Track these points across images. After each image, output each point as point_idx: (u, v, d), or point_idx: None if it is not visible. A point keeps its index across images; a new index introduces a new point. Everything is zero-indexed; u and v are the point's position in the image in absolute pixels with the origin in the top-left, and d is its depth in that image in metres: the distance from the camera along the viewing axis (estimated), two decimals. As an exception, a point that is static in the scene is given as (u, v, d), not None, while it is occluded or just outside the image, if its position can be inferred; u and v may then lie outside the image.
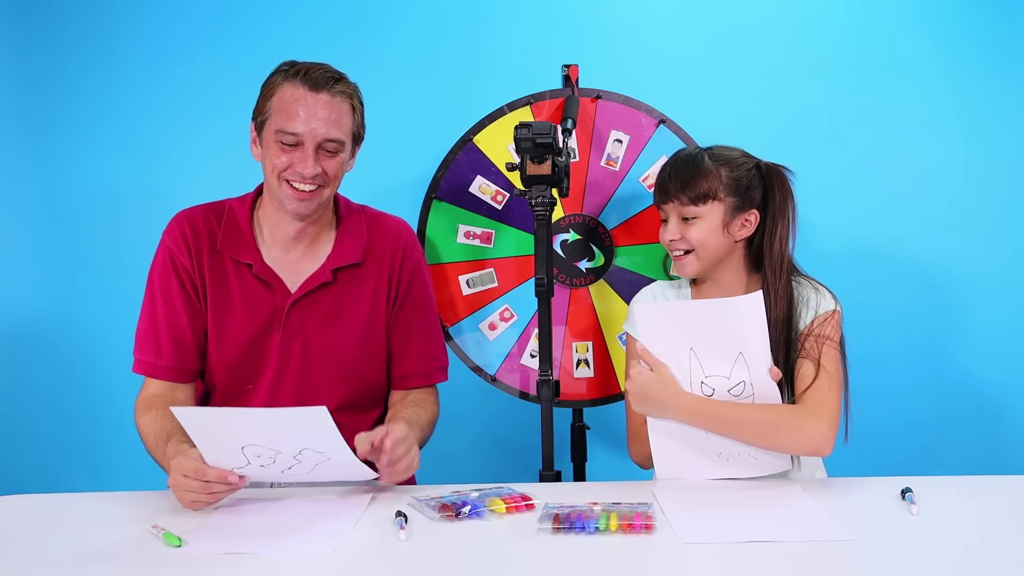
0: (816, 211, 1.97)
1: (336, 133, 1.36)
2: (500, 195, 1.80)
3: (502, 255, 1.81)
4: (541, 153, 1.43)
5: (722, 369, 1.26)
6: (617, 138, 1.79)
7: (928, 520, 1.13)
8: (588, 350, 1.80)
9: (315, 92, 1.35)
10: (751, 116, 1.98)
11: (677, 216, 1.44)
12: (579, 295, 1.81)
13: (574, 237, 1.80)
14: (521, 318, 1.81)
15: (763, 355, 1.26)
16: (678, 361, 1.28)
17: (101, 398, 2.06)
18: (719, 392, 1.26)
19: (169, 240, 1.43)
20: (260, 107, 1.39)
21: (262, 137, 1.39)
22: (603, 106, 1.79)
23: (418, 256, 1.54)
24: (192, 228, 1.42)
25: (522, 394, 1.81)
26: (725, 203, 1.42)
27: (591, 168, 1.80)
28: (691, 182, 1.41)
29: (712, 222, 1.42)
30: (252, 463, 1.17)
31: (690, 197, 1.41)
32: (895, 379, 2.02)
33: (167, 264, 1.41)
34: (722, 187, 1.41)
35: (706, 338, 1.25)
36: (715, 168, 1.42)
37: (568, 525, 1.09)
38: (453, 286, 1.81)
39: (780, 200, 1.43)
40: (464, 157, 1.80)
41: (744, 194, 1.43)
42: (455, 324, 1.81)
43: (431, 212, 1.81)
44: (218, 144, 2.00)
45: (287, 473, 1.21)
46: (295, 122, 1.34)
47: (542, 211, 1.46)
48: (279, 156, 1.36)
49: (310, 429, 1.15)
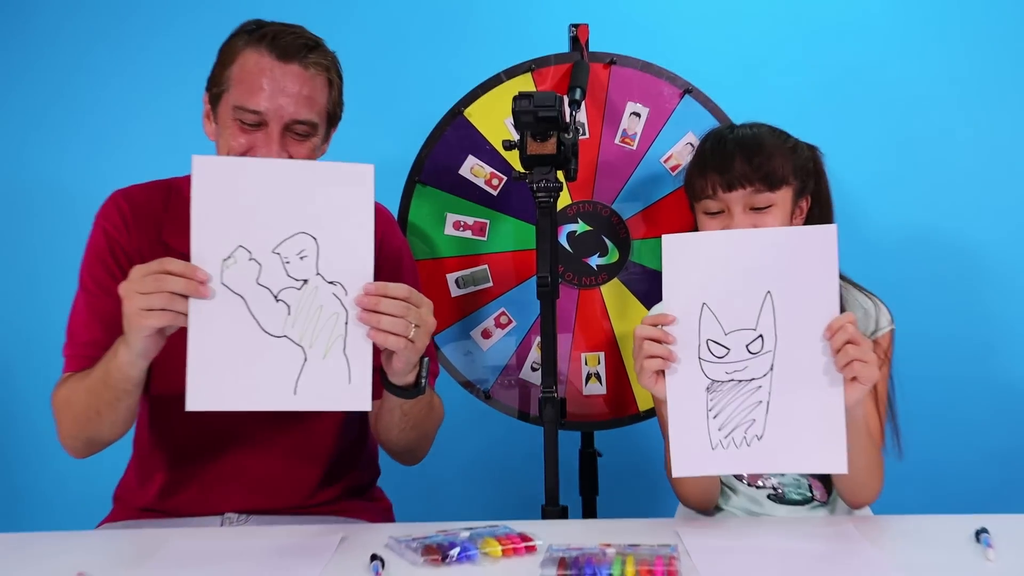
0: (860, 201, 1.98)
1: (307, 113, 1.35)
2: (496, 178, 1.80)
3: (498, 250, 1.81)
4: (544, 129, 1.42)
5: (746, 321, 1.21)
6: (634, 111, 1.79)
7: (1008, 567, 1.11)
8: (600, 362, 1.80)
9: (284, 62, 1.33)
10: (791, 86, 1.98)
11: (744, 206, 1.43)
12: (589, 297, 1.81)
13: (583, 228, 1.81)
14: (520, 324, 1.81)
15: (823, 309, 1.20)
16: (688, 316, 1.23)
17: (15, 424, 2.04)
18: (731, 355, 1.22)
19: (104, 221, 1.40)
20: (217, 75, 1.37)
21: (217, 112, 1.38)
22: (618, 73, 1.79)
23: (400, 243, 1.54)
24: (132, 206, 1.40)
25: (521, 414, 1.81)
26: (793, 187, 1.45)
27: (603, 146, 1.80)
28: (766, 163, 1.42)
29: (785, 209, 1.44)
30: (240, 262, 1.14)
31: (766, 181, 1.42)
32: (966, 402, 2.03)
33: (102, 247, 1.39)
34: (791, 170, 1.44)
35: (741, 282, 1.21)
36: (786, 147, 1.45)
37: (576, 571, 1.08)
38: (440, 286, 1.80)
39: (825, 185, 1.49)
40: (453, 133, 1.80)
41: (806, 179, 1.48)
42: (442, 331, 1.80)
43: (414, 198, 1.81)
44: (166, 119, 2.01)
45: (268, 316, 1.17)
46: (258, 97, 1.32)
47: (545, 197, 1.45)
48: (237, 137, 1.34)
49: (344, 199, 1.15)
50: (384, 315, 1.16)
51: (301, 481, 1.44)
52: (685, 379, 1.22)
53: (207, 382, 1.14)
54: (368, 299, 1.16)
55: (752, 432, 1.21)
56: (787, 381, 1.19)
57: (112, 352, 1.22)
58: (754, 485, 1.49)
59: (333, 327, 1.18)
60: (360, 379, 1.17)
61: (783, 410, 1.19)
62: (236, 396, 1.16)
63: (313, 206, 1.16)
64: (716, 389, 1.21)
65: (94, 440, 1.33)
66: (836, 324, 1.17)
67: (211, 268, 1.15)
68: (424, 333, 1.20)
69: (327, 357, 1.17)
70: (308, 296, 1.17)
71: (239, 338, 1.15)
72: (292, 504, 1.43)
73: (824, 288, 1.19)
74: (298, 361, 1.16)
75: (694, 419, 1.22)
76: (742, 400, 1.21)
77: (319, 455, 1.46)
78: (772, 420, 1.20)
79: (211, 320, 1.15)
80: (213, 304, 1.15)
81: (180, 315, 1.14)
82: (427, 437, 1.44)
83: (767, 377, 1.20)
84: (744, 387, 1.21)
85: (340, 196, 1.16)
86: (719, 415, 1.21)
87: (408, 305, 1.18)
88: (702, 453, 1.21)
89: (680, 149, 1.76)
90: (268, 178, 1.16)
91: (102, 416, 1.28)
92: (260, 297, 1.16)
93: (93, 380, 1.27)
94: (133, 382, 1.23)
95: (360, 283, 1.16)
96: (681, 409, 1.22)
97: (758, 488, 1.49)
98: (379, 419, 1.38)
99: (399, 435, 1.37)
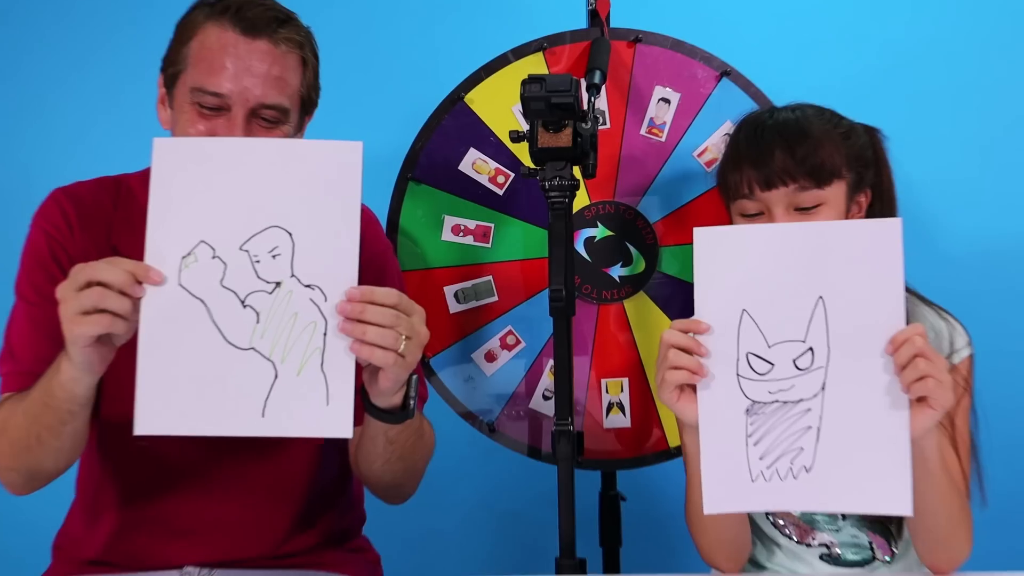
0: (930, 203, 1.93)
1: (277, 97, 1.33)
2: (501, 175, 1.75)
3: (504, 258, 1.76)
4: (558, 117, 1.36)
5: (793, 331, 1.17)
6: (663, 97, 1.73)
7: None
8: (623, 390, 1.73)
9: (251, 37, 1.32)
10: (849, 67, 1.93)
11: (786, 207, 1.36)
12: (610, 313, 1.75)
13: (603, 233, 1.75)
14: (530, 345, 1.75)
15: (885, 318, 1.15)
16: (724, 325, 1.19)
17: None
18: (775, 371, 1.18)
19: (44, 222, 1.39)
20: (173, 54, 1.36)
21: (173, 96, 1.36)
22: (644, 53, 1.73)
23: (384, 247, 1.55)
24: (77, 206, 1.39)
25: (532, 450, 1.74)
26: (847, 181, 1.38)
27: (627, 138, 1.74)
28: (810, 154, 1.35)
29: (837, 208, 1.37)
30: (201, 260, 1.11)
31: (813, 177, 1.34)
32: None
33: (43, 252, 1.37)
34: (844, 160, 1.37)
35: (788, 285, 1.17)
36: (836, 132, 1.39)
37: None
38: (436, 301, 1.74)
39: (887, 175, 1.44)
40: (452, 123, 1.74)
41: (863, 169, 1.41)
42: (439, 353, 1.74)
43: (406, 198, 1.75)
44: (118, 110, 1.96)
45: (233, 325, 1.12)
46: (219, 77, 1.31)
47: (559, 197, 1.38)
48: (195, 123, 1.32)
49: (326, 185, 1.13)
50: (370, 325, 1.12)
51: (272, 525, 1.41)
52: (721, 399, 1.18)
53: (159, 402, 1.11)
54: (352, 307, 1.11)
55: (800, 462, 1.16)
56: (842, 403, 1.15)
57: (54, 368, 1.18)
58: (804, 543, 1.41)
59: (309, 339, 1.13)
60: (340, 400, 1.13)
61: (836, 437, 1.15)
62: (194, 419, 1.12)
63: (289, 194, 1.13)
64: (757, 411, 1.17)
65: (35, 472, 1.29)
66: (901, 336, 1.11)
67: (167, 267, 1.11)
68: (416, 346, 1.17)
69: (302, 374, 1.12)
70: (281, 302, 1.13)
71: (198, 350, 1.11)
72: (262, 553, 1.39)
73: (887, 293, 1.14)
74: (267, 378, 1.12)
75: (731, 446, 1.17)
76: (788, 425, 1.17)
77: (293, 493, 1.42)
78: (823, 449, 1.15)
79: (165, 328, 1.11)
80: (168, 309, 1.11)
81: (120, 319, 1.09)
82: (416, 469, 1.42)
83: (818, 398, 1.16)
84: (790, 409, 1.17)
85: (321, 181, 1.14)
86: (761, 442, 1.17)
87: (398, 314, 1.14)
88: (740, 486, 1.17)
89: (716, 141, 1.70)
90: (238, 161, 1.14)
91: (44, 443, 1.24)
92: (224, 302, 1.12)
93: (32, 401, 1.23)
94: (78, 402, 1.18)
95: (342, 287, 1.13)
96: (715, 434, 1.18)
97: (808, 547, 1.42)
98: (360, 449, 1.35)
99: (383, 467, 1.34)
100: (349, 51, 1.87)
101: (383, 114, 1.90)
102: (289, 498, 1.42)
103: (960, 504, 1.27)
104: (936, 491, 1.19)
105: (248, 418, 1.12)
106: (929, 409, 1.10)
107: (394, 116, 1.84)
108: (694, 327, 1.17)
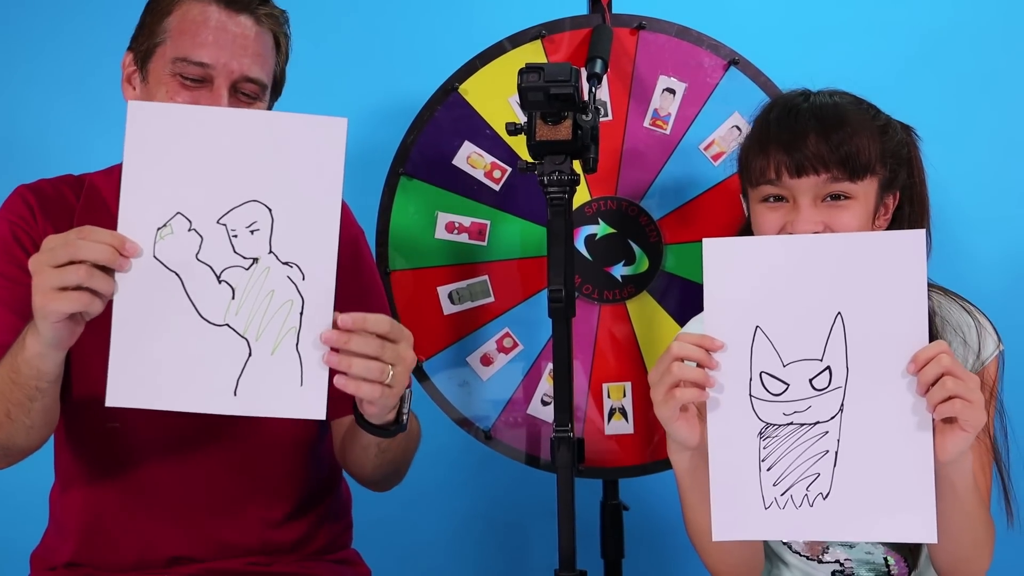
0: (958, 202, 1.91)
1: (258, 71, 1.37)
2: (498, 170, 1.75)
3: (500, 257, 1.76)
4: (557, 109, 1.36)
5: (810, 349, 1.15)
6: (668, 87, 1.73)
7: None
8: (626, 394, 1.73)
9: (234, 12, 1.36)
10: (869, 56, 1.90)
11: (815, 197, 1.33)
12: (612, 314, 1.75)
13: (605, 231, 1.75)
14: (528, 348, 1.75)
15: (907, 337, 1.14)
16: (736, 342, 1.18)
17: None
18: (790, 391, 1.16)
19: (8, 214, 1.41)
20: (149, 28, 1.38)
21: (148, 70, 1.38)
22: (648, 40, 1.73)
23: (357, 232, 1.56)
24: (41, 199, 1.42)
25: (530, 458, 1.74)
26: (879, 178, 1.35)
27: (630, 131, 1.74)
28: (845, 143, 1.32)
29: (867, 205, 1.34)
30: (177, 232, 1.12)
31: (846, 167, 1.31)
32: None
33: (6, 239, 1.39)
34: (879, 155, 1.34)
35: (804, 300, 1.16)
36: (871, 122, 1.36)
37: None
38: (429, 302, 1.75)
39: (920, 179, 1.42)
40: (446, 115, 1.74)
41: (896, 168, 1.39)
42: (432, 357, 1.74)
43: (397, 194, 1.75)
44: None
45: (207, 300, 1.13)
46: (204, 48, 1.34)
47: (559, 193, 1.38)
48: (176, 94, 1.35)
49: (308, 161, 1.13)
50: (355, 358, 1.12)
51: (253, 514, 1.42)
52: (732, 421, 1.16)
53: (131, 374, 1.11)
54: (337, 336, 1.12)
55: (816, 489, 1.15)
56: (861, 426, 1.13)
57: (19, 343, 1.18)
58: (815, 559, 1.40)
59: (285, 318, 1.13)
60: (314, 382, 1.13)
61: (856, 462, 1.13)
62: (165, 394, 1.13)
63: (269, 168, 1.14)
64: (771, 434, 1.16)
65: (8, 448, 1.29)
66: (925, 354, 1.09)
67: (142, 238, 1.11)
68: (403, 372, 1.18)
69: (276, 353, 1.13)
70: (257, 278, 1.14)
71: (171, 324, 1.12)
72: (242, 543, 1.40)
73: (909, 308, 1.13)
74: (241, 356, 1.13)
75: (743, 471, 1.16)
76: (804, 448, 1.15)
77: (275, 484, 1.43)
78: (841, 475, 1.14)
79: (139, 300, 1.11)
80: (143, 282, 1.11)
81: (99, 298, 1.09)
82: (405, 463, 1.45)
83: (835, 420, 1.14)
84: (806, 432, 1.15)
85: (304, 157, 1.14)
86: (774, 467, 1.16)
87: (383, 343, 1.14)
88: (752, 513, 1.15)
89: (724, 134, 1.70)
90: (218, 131, 1.14)
91: (13, 419, 1.24)
92: (199, 276, 1.13)
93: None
94: (47, 378, 1.19)
95: (321, 267, 1.14)
96: (726, 458, 1.16)
97: (820, 563, 1.40)
98: (350, 454, 1.37)
99: (374, 470, 1.37)
100: (337, 39, 1.88)
101: (373, 105, 1.91)
102: (273, 491, 1.42)
103: (985, 521, 1.25)
104: (963, 514, 1.17)
105: (220, 396, 1.13)
106: (960, 431, 1.08)
107: (385, 107, 1.85)
108: (707, 343, 1.15)
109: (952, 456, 1.09)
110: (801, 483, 1.14)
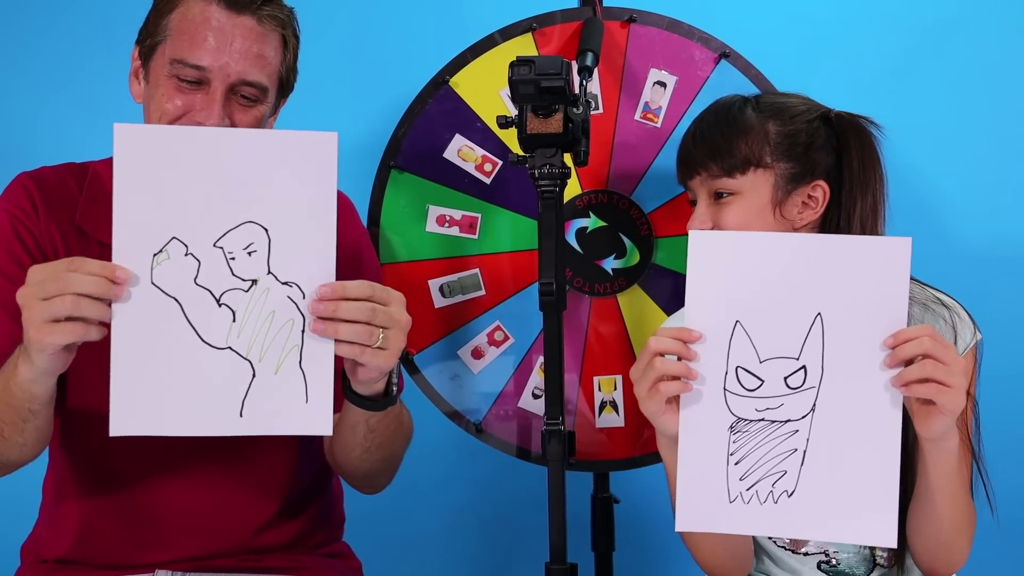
0: (942, 198, 1.90)
1: (257, 74, 1.35)
2: (488, 163, 1.75)
3: (491, 250, 1.77)
4: (548, 102, 1.36)
5: (787, 347, 1.16)
6: (659, 80, 1.74)
7: None
8: (616, 388, 1.75)
9: (235, 13, 1.34)
10: (861, 50, 1.90)
11: (707, 195, 1.42)
12: (603, 308, 1.76)
13: (596, 224, 1.76)
14: (519, 341, 1.76)
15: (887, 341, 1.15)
16: (715, 335, 1.18)
17: None
18: (764, 388, 1.17)
19: (8, 204, 1.40)
20: (152, 24, 1.37)
21: (149, 68, 1.37)
22: (638, 34, 1.73)
23: (359, 233, 1.55)
24: (42, 189, 1.40)
25: (520, 451, 1.76)
26: (776, 172, 1.40)
27: (621, 124, 1.75)
28: (723, 143, 1.39)
29: (756, 200, 1.40)
30: (173, 257, 1.12)
31: (722, 165, 1.39)
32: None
33: (7, 233, 1.38)
34: (770, 148, 1.39)
35: (785, 298, 1.16)
36: (759, 122, 1.41)
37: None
38: (420, 295, 1.75)
39: (859, 166, 1.42)
40: (436, 108, 1.75)
41: (804, 158, 1.41)
42: (423, 350, 1.75)
43: (388, 187, 1.75)
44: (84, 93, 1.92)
45: (208, 324, 1.13)
46: (201, 50, 1.32)
47: (549, 186, 1.39)
48: (172, 97, 1.33)
49: (301, 179, 1.13)
50: (343, 323, 1.13)
51: (247, 516, 1.42)
52: (704, 413, 1.16)
53: (135, 403, 1.11)
54: (324, 306, 1.12)
55: (781, 486, 1.16)
56: (831, 427, 1.14)
57: (11, 366, 1.18)
58: (799, 552, 1.41)
59: (287, 336, 1.15)
60: (320, 398, 1.15)
61: (822, 463, 1.15)
62: (170, 420, 1.14)
63: (264, 188, 1.14)
64: (742, 429, 1.17)
65: (1, 464, 1.31)
66: (906, 334, 1.11)
67: (138, 265, 1.11)
68: (398, 334, 1.17)
69: (280, 372, 1.14)
70: (257, 300, 1.14)
71: (173, 350, 1.12)
72: (235, 545, 1.41)
73: (889, 315, 1.14)
74: (245, 377, 1.14)
75: (710, 463, 1.17)
76: (773, 445, 1.16)
77: (268, 485, 1.44)
78: (807, 474, 1.15)
79: (139, 328, 1.11)
80: (142, 309, 1.11)
81: (93, 326, 1.09)
82: (395, 458, 1.44)
83: (806, 419, 1.15)
84: (777, 429, 1.16)
85: (296, 174, 1.14)
86: (742, 461, 1.17)
87: (373, 306, 1.15)
88: (716, 506, 1.17)
89: None
90: (209, 152, 1.13)
91: (7, 437, 1.25)
92: (199, 300, 1.13)
93: None
94: (40, 401, 1.19)
95: (321, 283, 1.14)
96: (695, 449, 1.17)
97: (805, 555, 1.42)
98: (338, 438, 1.36)
99: (362, 456, 1.36)
100: (327, 31, 1.86)
101: (363, 98, 1.90)
102: (264, 490, 1.43)
103: (967, 505, 1.26)
104: (946, 494, 1.18)
105: (226, 418, 1.13)
106: (939, 414, 1.10)
107: (375, 101, 1.85)
108: (685, 336, 1.16)
109: (935, 434, 1.11)
110: (767, 479, 1.16)
